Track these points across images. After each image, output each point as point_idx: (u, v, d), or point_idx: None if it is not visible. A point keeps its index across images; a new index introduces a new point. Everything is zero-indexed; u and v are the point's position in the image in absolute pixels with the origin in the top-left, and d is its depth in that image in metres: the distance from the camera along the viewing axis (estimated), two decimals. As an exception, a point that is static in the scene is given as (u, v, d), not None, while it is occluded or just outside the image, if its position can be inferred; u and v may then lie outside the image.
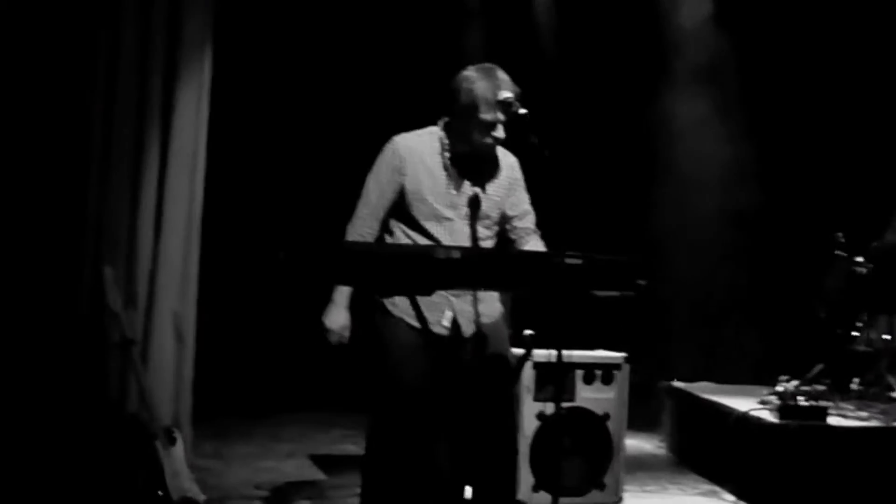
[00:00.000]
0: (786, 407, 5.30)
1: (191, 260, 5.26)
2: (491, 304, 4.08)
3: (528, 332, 5.60)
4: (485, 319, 4.04)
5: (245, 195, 7.59)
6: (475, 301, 4.01)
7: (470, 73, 3.97)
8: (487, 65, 4.02)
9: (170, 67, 5.23)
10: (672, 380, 7.20)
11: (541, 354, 5.19)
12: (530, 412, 5.14)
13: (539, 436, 5.14)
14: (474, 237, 4.01)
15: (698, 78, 7.89)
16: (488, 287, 3.64)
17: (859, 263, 6.70)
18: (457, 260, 3.33)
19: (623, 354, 5.34)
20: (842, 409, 5.84)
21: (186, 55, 5.13)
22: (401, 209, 4.01)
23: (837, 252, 6.86)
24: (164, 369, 5.15)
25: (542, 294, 3.55)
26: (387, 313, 3.99)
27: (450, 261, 3.33)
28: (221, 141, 5.72)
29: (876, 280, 6.66)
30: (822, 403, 5.36)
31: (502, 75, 3.95)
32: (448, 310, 3.95)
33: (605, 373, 5.28)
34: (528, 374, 5.14)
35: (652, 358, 7.92)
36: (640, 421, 7.35)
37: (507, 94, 3.87)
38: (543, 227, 4.13)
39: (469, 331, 4.00)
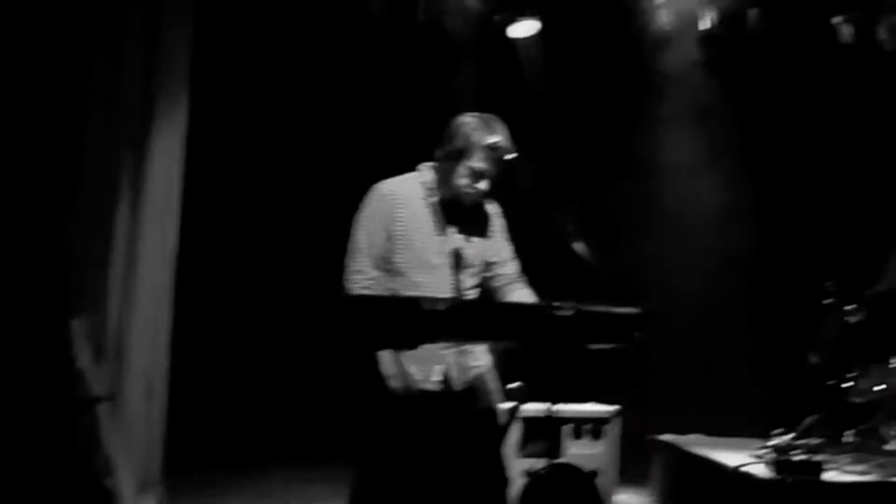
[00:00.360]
0: (781, 462, 5.11)
1: (163, 310, 5.05)
2: (480, 356, 3.96)
3: (516, 384, 5.47)
4: (473, 372, 3.95)
5: (221, 241, 7.35)
6: (462, 353, 3.89)
7: (468, 118, 3.90)
8: (487, 114, 3.94)
9: (146, 108, 5.05)
10: (661, 432, 7.00)
11: (527, 409, 5.04)
12: (516, 469, 4.93)
13: (526, 494, 4.93)
14: (459, 286, 3.88)
15: (688, 120, 7.77)
16: (476, 339, 3.46)
17: (851, 312, 6.57)
18: (442, 312, 3.17)
19: (614, 408, 5.16)
20: (837, 462, 5.65)
21: (164, 95, 4.94)
22: (383, 259, 3.88)
23: (829, 300, 6.73)
24: (134, 425, 4.93)
25: (533, 347, 3.37)
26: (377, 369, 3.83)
27: (435, 312, 3.17)
28: (197, 186, 5.52)
29: (868, 329, 6.53)
30: (818, 458, 5.17)
31: (500, 127, 3.88)
32: (438, 363, 3.83)
33: (595, 427, 5.12)
34: (514, 429, 4.96)
35: (640, 409, 7.76)
36: (628, 474, 7.23)
37: (496, 138, 3.75)
38: (536, 275, 3.99)
39: (460, 385, 3.90)
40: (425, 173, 3.99)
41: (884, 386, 6.29)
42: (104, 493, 4.25)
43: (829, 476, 5.21)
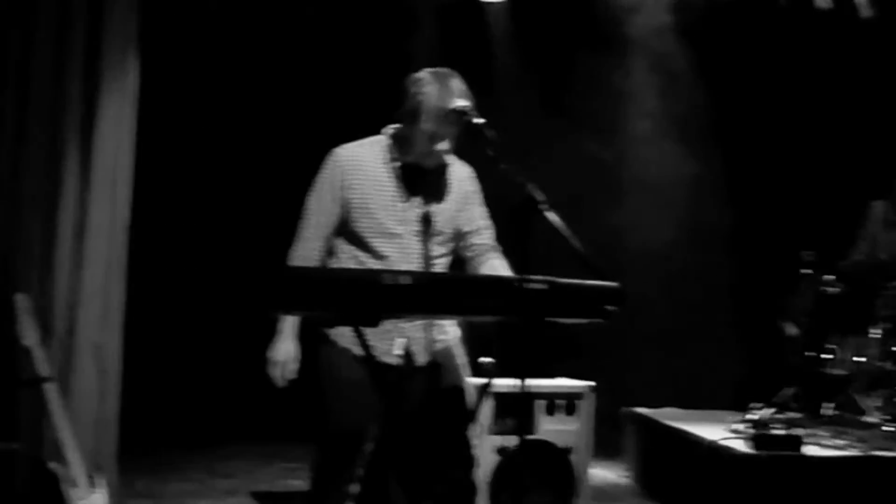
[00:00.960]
0: (760, 436, 4.98)
1: (115, 286, 4.78)
2: (446, 329, 3.76)
3: (486, 359, 5.28)
4: (439, 346, 3.75)
5: (174, 214, 7.05)
6: (428, 326, 3.69)
7: (422, 76, 3.64)
8: (443, 69, 3.68)
9: (91, 71, 4.74)
10: (635, 405, 6.87)
11: (499, 384, 4.85)
12: (489, 446, 4.76)
13: (499, 472, 4.80)
14: (427, 255, 3.67)
15: (658, 89, 7.58)
16: (442, 315, 3.26)
17: (828, 282, 6.45)
18: (407, 286, 2.94)
19: (588, 383, 4.99)
20: (817, 436, 5.53)
21: (110, 58, 4.62)
22: (345, 227, 3.68)
23: (805, 271, 6.61)
24: (85, 405, 4.68)
25: (504, 322, 3.16)
26: (331, 343, 3.65)
27: (398, 287, 2.94)
28: (149, 154, 5.23)
29: (845, 300, 6.41)
30: (797, 432, 5.04)
31: (457, 83, 3.61)
32: (399, 337, 3.63)
33: (569, 403, 4.94)
34: (485, 405, 4.77)
35: (614, 382, 7.62)
36: (602, 448, 7.10)
37: (460, 103, 3.51)
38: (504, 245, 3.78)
39: (422, 359, 3.70)
40: (387, 137, 3.76)
41: (862, 358, 6.19)
42: (51, 477, 4.02)
43: (809, 450, 5.10)
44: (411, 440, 3.70)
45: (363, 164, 3.67)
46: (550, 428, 4.92)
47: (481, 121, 3.47)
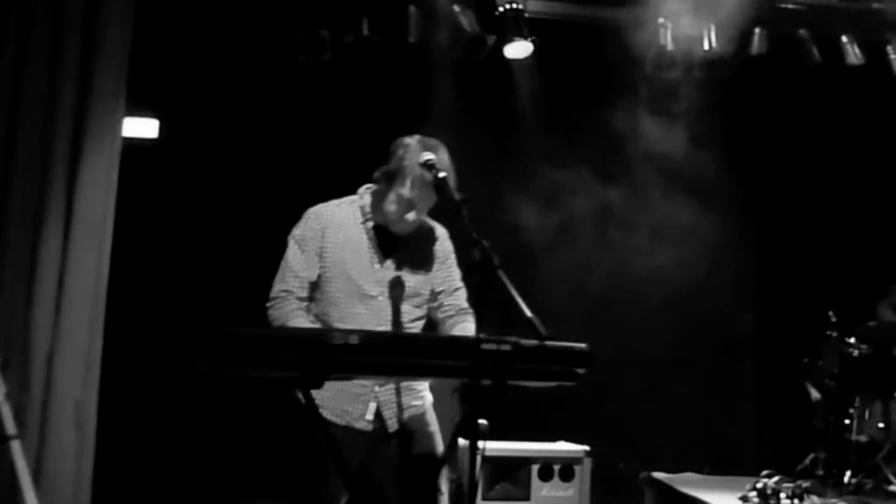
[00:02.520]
0: (767, 507, 4.73)
1: (94, 342, 4.68)
2: (417, 394, 3.62)
3: (481, 420, 5.10)
4: (412, 411, 3.61)
5: (156, 270, 6.92)
6: (401, 390, 3.55)
7: (409, 141, 3.56)
8: (433, 140, 3.60)
9: (78, 124, 4.70)
10: (653, 470, 6.63)
11: (490, 447, 4.69)
12: (480, 512, 4.59)
13: (489, 539, 4.59)
14: (400, 318, 3.53)
15: (684, 144, 7.38)
16: (395, 375, 3.11)
17: (852, 344, 6.18)
18: (355, 346, 2.82)
19: (584, 448, 4.79)
20: (836, 505, 5.27)
21: (97, 110, 4.57)
22: (317, 288, 3.55)
23: (830, 332, 6.35)
24: (62, 461, 4.57)
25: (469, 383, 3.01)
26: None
27: (347, 346, 2.82)
28: (133, 209, 5.14)
29: (871, 362, 6.13)
30: (808, 502, 4.77)
31: (443, 154, 3.53)
32: (371, 401, 3.52)
33: (564, 468, 4.73)
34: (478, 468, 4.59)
35: (632, 444, 7.39)
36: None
37: (429, 156, 3.41)
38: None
39: (394, 425, 3.56)
40: (364, 197, 3.65)
41: (884, 424, 5.91)
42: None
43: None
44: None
45: (340, 224, 3.58)
46: (545, 494, 4.71)
47: (444, 175, 3.35)
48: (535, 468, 4.68)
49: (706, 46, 7.48)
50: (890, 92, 7.25)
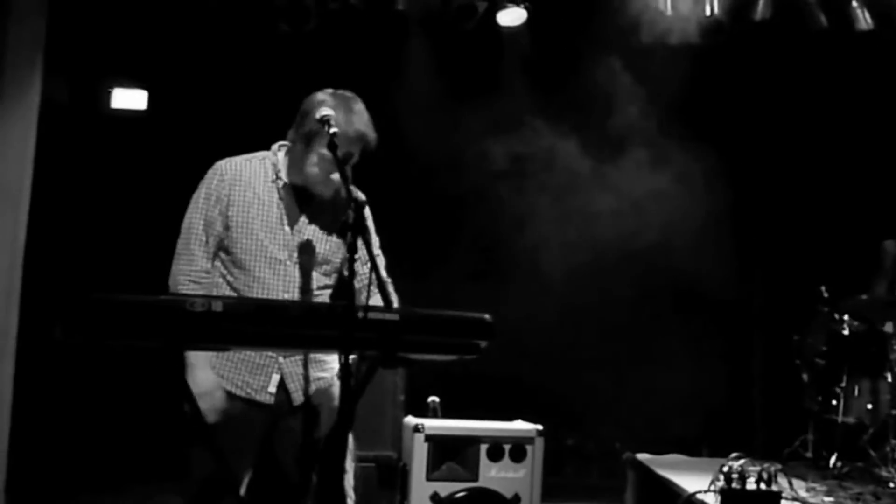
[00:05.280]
0: (729, 491, 4.47)
1: (10, 312, 4.52)
2: (324, 366, 3.43)
3: (433, 398, 4.91)
4: (318, 384, 3.42)
5: (74, 236, 6.75)
6: (307, 362, 3.34)
7: (324, 97, 3.34)
8: (347, 93, 3.40)
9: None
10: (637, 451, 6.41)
11: (436, 425, 4.49)
12: (423, 493, 4.37)
13: (433, 521, 4.39)
14: (308, 285, 3.34)
15: (674, 115, 7.09)
16: (265, 346, 2.90)
17: (842, 320, 5.89)
18: (218, 314, 2.62)
19: (537, 427, 4.56)
20: (815, 491, 4.99)
21: (12, 77, 4.41)
22: (222, 248, 3.36)
23: (820, 308, 6.06)
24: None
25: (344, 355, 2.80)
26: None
27: (210, 314, 2.62)
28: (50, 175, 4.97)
29: (861, 339, 5.83)
30: (776, 487, 4.51)
31: (361, 108, 3.35)
32: (275, 373, 3.33)
33: (515, 448, 4.50)
34: (420, 448, 4.40)
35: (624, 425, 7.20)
36: (606, 494, 6.65)
37: (325, 112, 3.20)
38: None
39: (299, 399, 3.37)
40: (277, 154, 3.45)
41: (872, 405, 5.63)
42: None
43: (790, 507, 4.59)
44: (284, 488, 3.39)
45: (248, 180, 3.39)
46: (494, 475, 4.49)
47: (341, 154, 3.13)
48: (483, 448, 4.45)
49: (707, 12, 7.23)
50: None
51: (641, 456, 6.25)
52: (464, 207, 7.22)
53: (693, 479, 5.23)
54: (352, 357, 3.29)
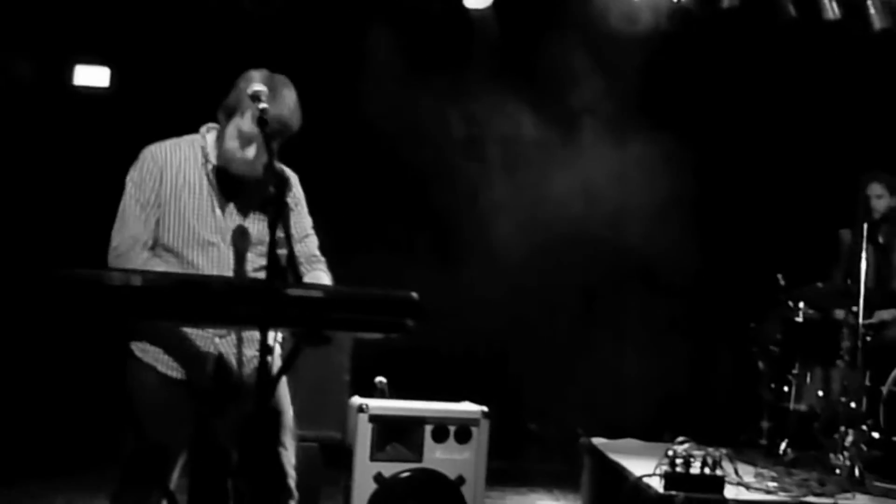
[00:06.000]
0: (672, 475, 4.48)
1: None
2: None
3: (380, 379, 4.90)
4: (256, 364, 3.31)
5: (34, 214, 6.71)
6: (240, 342, 3.33)
7: (254, 74, 3.31)
8: (282, 77, 3.35)
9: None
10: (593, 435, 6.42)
11: (381, 406, 4.49)
12: (366, 474, 4.37)
13: (376, 503, 4.38)
14: (242, 267, 3.32)
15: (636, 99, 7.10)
16: (186, 321, 2.89)
17: (795, 308, 5.91)
18: (137, 288, 2.61)
19: (482, 408, 4.56)
20: (763, 477, 5.01)
21: None
22: (155, 235, 3.32)
23: (776, 296, 6.07)
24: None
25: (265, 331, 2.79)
26: (136, 359, 3.31)
27: (129, 288, 2.61)
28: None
29: (814, 327, 5.86)
30: (720, 472, 4.52)
31: (290, 93, 3.31)
32: (211, 353, 3.31)
33: (460, 429, 4.50)
34: (364, 428, 4.39)
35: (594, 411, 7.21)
36: (567, 479, 6.66)
37: (257, 87, 3.17)
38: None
39: (236, 378, 3.34)
40: (206, 137, 3.42)
41: (823, 392, 5.65)
42: None
43: (735, 493, 4.59)
44: (222, 467, 3.37)
45: (178, 165, 3.35)
46: (439, 457, 4.49)
47: (269, 130, 3.10)
48: (428, 429, 4.45)
49: (675, -1, 7.24)
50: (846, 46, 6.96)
51: (597, 441, 6.26)
52: (423, 186, 7.22)
53: (644, 463, 5.24)
54: (280, 335, 3.32)
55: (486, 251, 6.96)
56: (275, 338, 3.39)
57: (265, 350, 2.73)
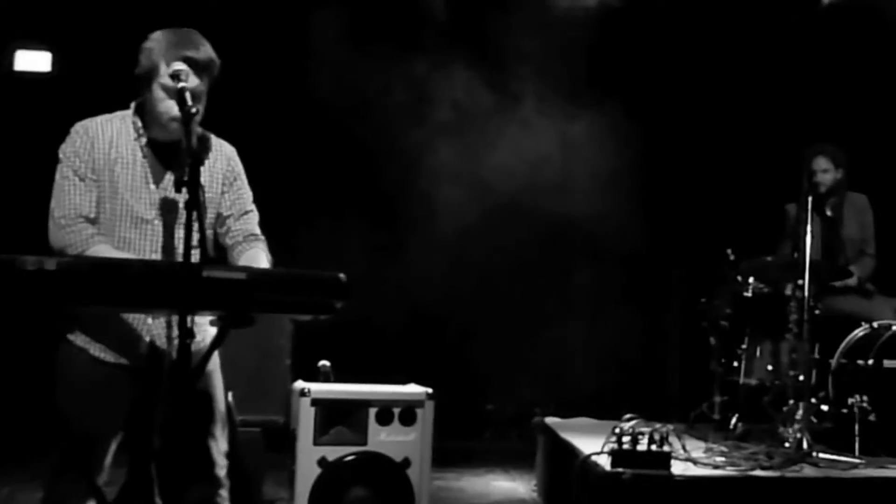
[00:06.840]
0: (619, 453, 4.46)
1: None
2: (197, 328, 3.29)
3: (324, 362, 4.85)
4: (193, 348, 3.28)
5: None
6: (169, 325, 3.26)
7: (156, 34, 3.29)
8: (188, 35, 3.30)
9: None
10: (547, 415, 6.42)
11: (323, 389, 4.43)
12: (310, 458, 4.31)
13: (320, 487, 4.32)
14: (175, 244, 3.26)
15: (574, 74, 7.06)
16: (102, 306, 2.81)
17: (745, 283, 5.90)
18: (52, 272, 2.53)
19: (426, 390, 4.51)
20: (712, 451, 5.00)
21: None
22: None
23: (725, 271, 6.06)
24: None
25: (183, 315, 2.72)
26: (68, 342, 3.27)
27: (42, 273, 2.53)
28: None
29: (763, 301, 5.85)
30: (667, 448, 4.50)
31: (197, 38, 3.27)
32: (144, 336, 3.25)
33: (405, 411, 4.45)
34: (307, 412, 4.33)
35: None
36: (524, 458, 6.64)
37: (177, 67, 3.11)
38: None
39: (170, 363, 3.25)
40: (135, 111, 3.35)
41: (772, 367, 5.66)
42: None
43: (682, 469, 4.58)
44: (152, 452, 3.31)
45: (110, 140, 3.29)
46: (384, 439, 4.43)
47: (182, 85, 3.04)
48: (372, 412, 4.39)
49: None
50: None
51: (550, 420, 6.26)
52: (368, 161, 7.15)
53: (595, 441, 5.23)
54: (210, 318, 3.25)
55: (430, 225, 6.90)
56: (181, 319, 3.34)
57: (185, 334, 2.65)
